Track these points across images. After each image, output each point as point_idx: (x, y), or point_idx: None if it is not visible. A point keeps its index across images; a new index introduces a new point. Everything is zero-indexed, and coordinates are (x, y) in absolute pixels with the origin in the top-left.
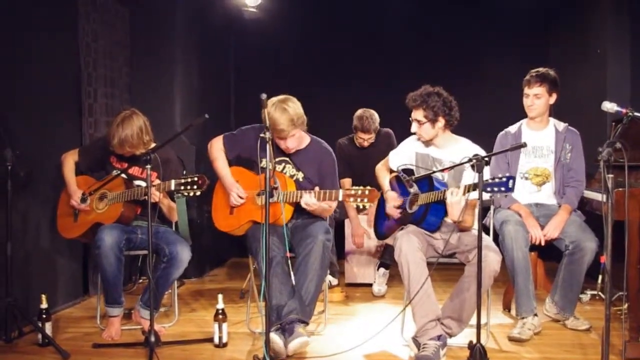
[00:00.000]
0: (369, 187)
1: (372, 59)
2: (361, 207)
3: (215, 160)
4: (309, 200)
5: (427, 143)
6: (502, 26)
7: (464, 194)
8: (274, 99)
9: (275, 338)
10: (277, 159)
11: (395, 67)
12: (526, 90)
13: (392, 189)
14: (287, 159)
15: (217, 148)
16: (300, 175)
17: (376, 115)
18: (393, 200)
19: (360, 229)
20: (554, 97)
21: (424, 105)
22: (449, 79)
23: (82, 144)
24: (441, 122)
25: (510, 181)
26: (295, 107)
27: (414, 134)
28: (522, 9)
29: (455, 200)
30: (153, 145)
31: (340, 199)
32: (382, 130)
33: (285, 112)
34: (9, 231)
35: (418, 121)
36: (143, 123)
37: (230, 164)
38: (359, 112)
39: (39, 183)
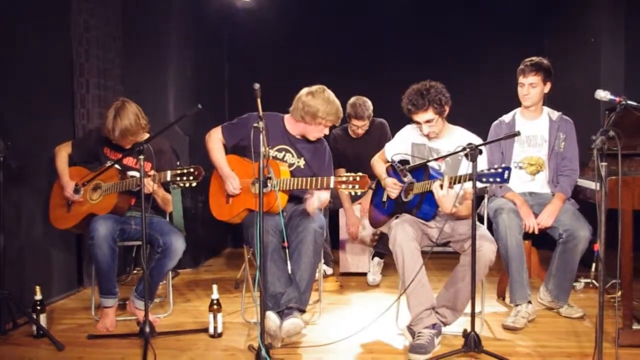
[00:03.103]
0: (360, 174)
1: (367, 49)
2: (352, 193)
3: (212, 151)
4: (310, 204)
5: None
6: (497, 16)
7: (449, 185)
8: (318, 90)
9: (273, 316)
10: (277, 147)
11: (390, 57)
12: (521, 80)
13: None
14: (288, 147)
15: (215, 139)
16: (301, 163)
17: (369, 103)
18: (393, 182)
19: (355, 219)
20: (548, 86)
21: (432, 103)
22: (443, 69)
23: (75, 134)
24: (446, 110)
25: (506, 172)
26: None
27: (410, 124)
28: None
29: (442, 194)
30: (147, 134)
31: (332, 185)
32: (375, 120)
33: (335, 103)
34: (2, 223)
35: (429, 121)
36: (137, 109)
37: (227, 152)
38: (352, 99)
39: (32, 174)
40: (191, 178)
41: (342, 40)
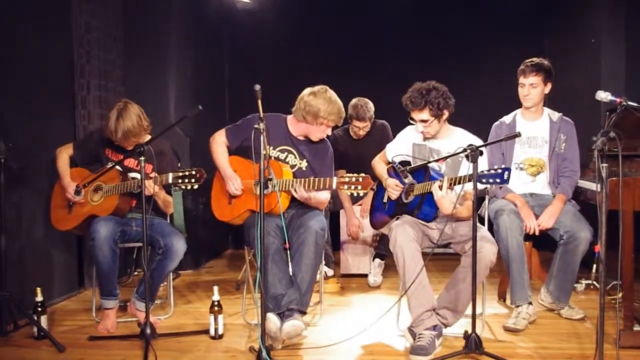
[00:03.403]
0: (362, 174)
1: (367, 49)
2: (355, 194)
3: (215, 153)
4: (299, 190)
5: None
6: (498, 16)
7: (449, 187)
8: (320, 90)
9: (273, 318)
10: (279, 148)
11: (391, 58)
12: (522, 80)
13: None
14: (291, 148)
15: (219, 141)
16: (304, 165)
17: (371, 104)
18: (394, 184)
19: (355, 220)
20: (549, 86)
21: (428, 105)
22: (444, 69)
23: (76, 136)
24: (445, 114)
25: (506, 173)
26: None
27: (410, 124)
28: None
29: (441, 195)
30: (149, 135)
31: (334, 186)
32: (377, 121)
33: (337, 103)
34: (3, 224)
35: (424, 121)
36: (139, 110)
37: (231, 154)
38: (354, 101)
39: (33, 176)
40: (193, 180)
41: (343, 41)
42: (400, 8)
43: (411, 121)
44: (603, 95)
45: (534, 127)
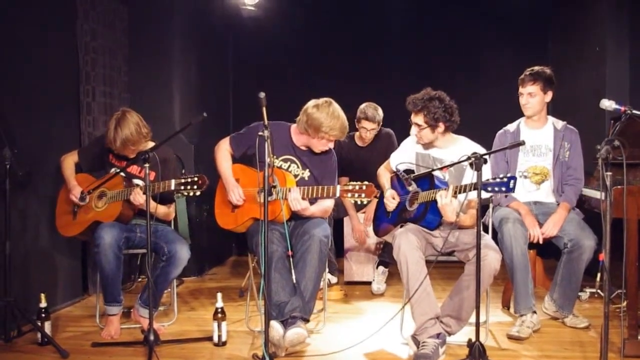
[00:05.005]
0: (366, 182)
1: (371, 56)
2: (359, 202)
3: (219, 161)
4: (296, 195)
5: (428, 143)
6: (502, 23)
7: (453, 195)
8: (324, 104)
9: (276, 325)
10: (282, 157)
11: (394, 65)
12: (520, 89)
13: (393, 187)
14: (293, 157)
15: (223, 149)
16: (306, 174)
17: (380, 110)
18: (392, 196)
19: (361, 225)
20: (549, 95)
21: (424, 111)
22: (448, 76)
23: (81, 142)
24: (441, 127)
25: (512, 181)
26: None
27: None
28: (522, 6)
29: (445, 203)
30: (151, 142)
31: (338, 194)
32: (382, 130)
33: (340, 118)
34: (8, 230)
35: (418, 125)
36: (137, 118)
37: (235, 162)
38: (364, 104)
39: (38, 182)
40: (195, 187)
41: (347, 48)
42: (404, 16)
43: (410, 121)
44: (607, 104)
45: (538, 135)
